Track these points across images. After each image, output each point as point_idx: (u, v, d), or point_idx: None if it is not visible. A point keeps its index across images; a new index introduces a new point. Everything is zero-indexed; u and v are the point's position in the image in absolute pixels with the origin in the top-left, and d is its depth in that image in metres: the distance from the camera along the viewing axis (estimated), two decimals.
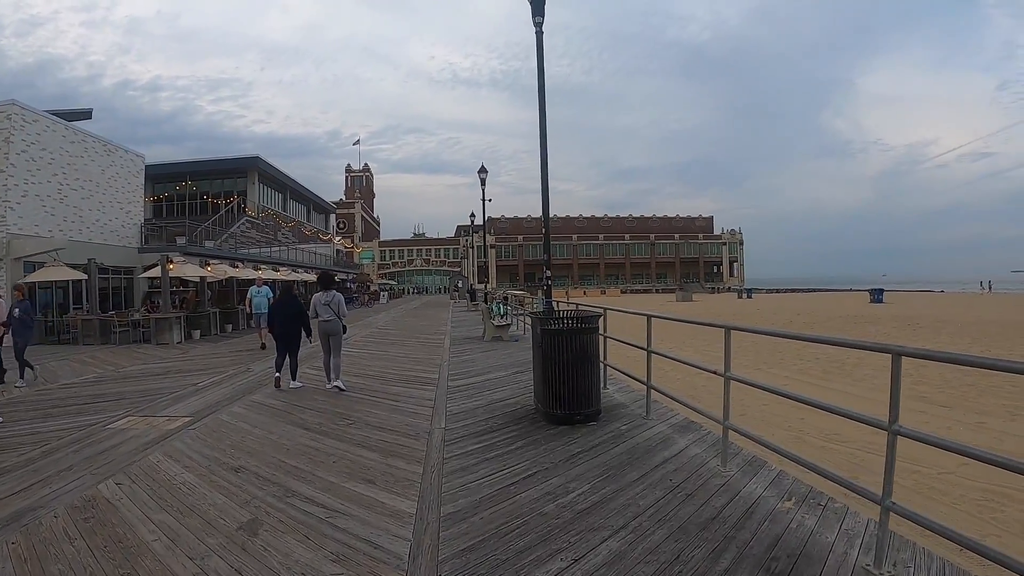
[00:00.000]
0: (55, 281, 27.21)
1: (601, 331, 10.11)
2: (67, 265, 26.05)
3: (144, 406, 11.32)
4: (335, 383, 12.51)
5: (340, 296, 13.06)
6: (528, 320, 22.57)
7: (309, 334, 13.46)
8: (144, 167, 38.11)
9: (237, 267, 33.20)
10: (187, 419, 10.13)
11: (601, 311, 10.39)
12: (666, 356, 8.71)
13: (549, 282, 13.14)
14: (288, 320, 13.23)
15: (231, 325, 30.34)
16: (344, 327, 13.07)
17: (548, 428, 8.65)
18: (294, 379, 13.21)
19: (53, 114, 31.79)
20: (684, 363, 8.42)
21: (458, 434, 8.56)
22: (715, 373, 6.76)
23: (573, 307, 12.60)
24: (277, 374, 13.10)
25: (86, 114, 38.18)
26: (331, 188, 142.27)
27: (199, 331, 26.40)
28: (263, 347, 20.35)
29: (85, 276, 26.57)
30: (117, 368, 17.04)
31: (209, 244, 37.40)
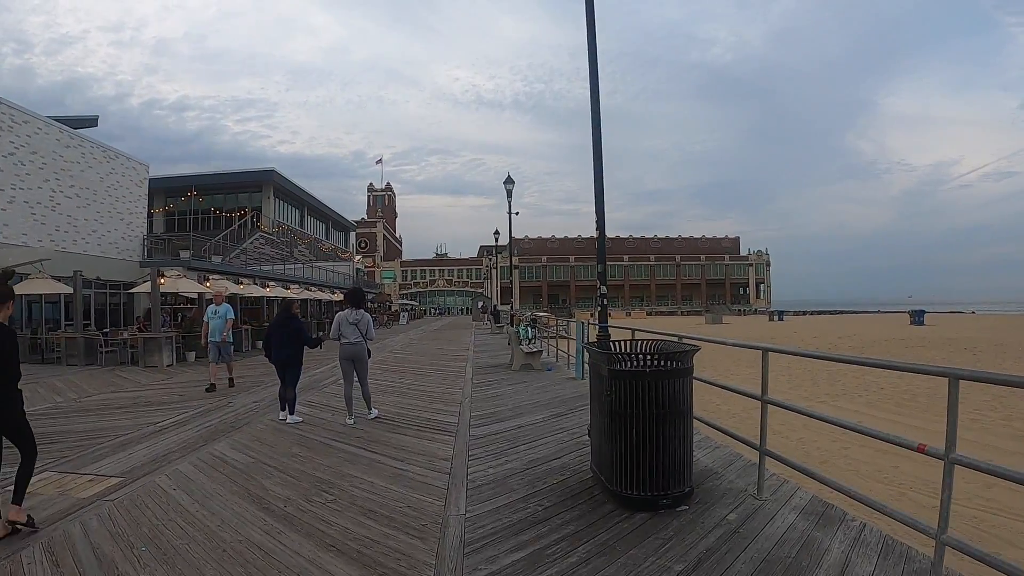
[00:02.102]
0: (44, 295, 25.38)
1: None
2: (53, 278, 23.75)
3: (76, 455, 8.78)
4: (371, 414, 11.30)
5: (369, 317, 11.49)
6: (566, 346, 19.83)
7: (316, 345, 11.87)
8: (148, 177, 35.86)
9: (241, 284, 30.55)
10: (115, 481, 7.45)
11: (695, 344, 6.89)
12: (794, 409, 6.05)
13: (605, 301, 10.14)
14: (285, 342, 11.42)
15: (233, 346, 27.59)
16: (368, 351, 11.49)
17: (620, 516, 5.84)
18: (291, 413, 11.25)
19: (56, 120, 29.78)
20: (821, 419, 5.74)
21: (486, 528, 5.71)
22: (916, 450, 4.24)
23: (633, 333, 9.86)
24: (281, 414, 11.40)
25: (92, 121, 36.49)
26: (355, 208, 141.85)
27: (194, 353, 23.75)
28: (211, 388, 15.25)
29: (70, 290, 24.15)
30: (81, 396, 14.64)
31: (216, 259, 35.14)
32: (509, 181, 31.86)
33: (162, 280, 23.44)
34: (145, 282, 25.51)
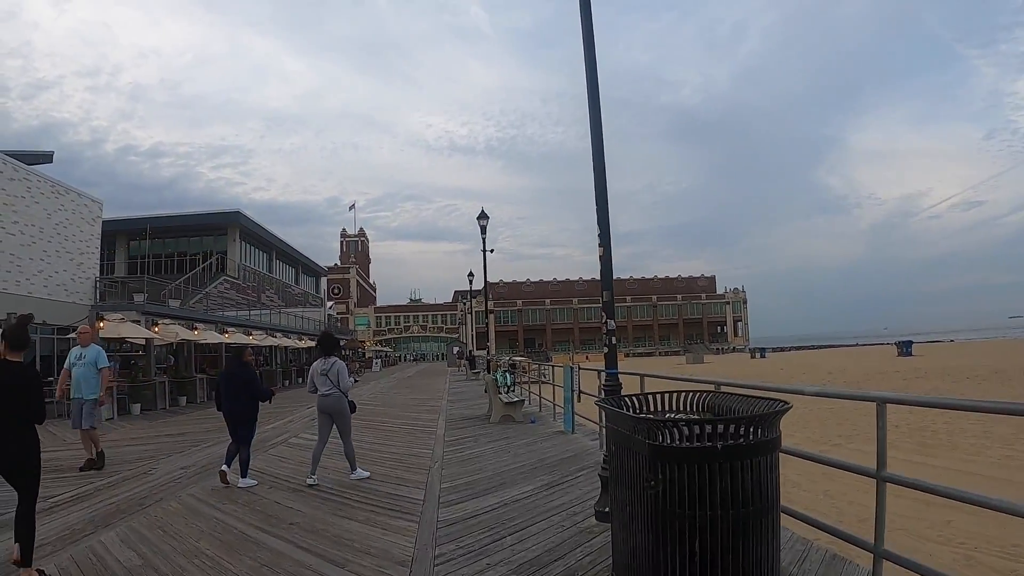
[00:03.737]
0: None
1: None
2: None
3: None
4: (355, 475, 9.88)
5: (341, 364, 10.16)
6: (550, 394, 17.68)
7: (267, 398, 10.54)
8: (101, 215, 33.47)
9: (195, 329, 28.29)
10: None
11: (777, 399, 4.52)
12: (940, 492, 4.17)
13: (613, 340, 7.90)
14: (236, 393, 9.98)
15: (185, 397, 25.35)
16: (351, 403, 10.21)
17: None
18: (243, 475, 9.78)
19: (9, 155, 27.60)
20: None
21: None
22: None
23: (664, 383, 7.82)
24: (224, 467, 9.84)
25: (47, 157, 34.49)
26: (329, 255, 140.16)
27: (139, 405, 21.52)
28: (88, 466, 11.16)
29: None
30: None
31: (174, 303, 32.93)
32: (483, 216, 29.96)
33: (101, 324, 21.20)
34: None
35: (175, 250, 49.94)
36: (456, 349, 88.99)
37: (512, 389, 18.06)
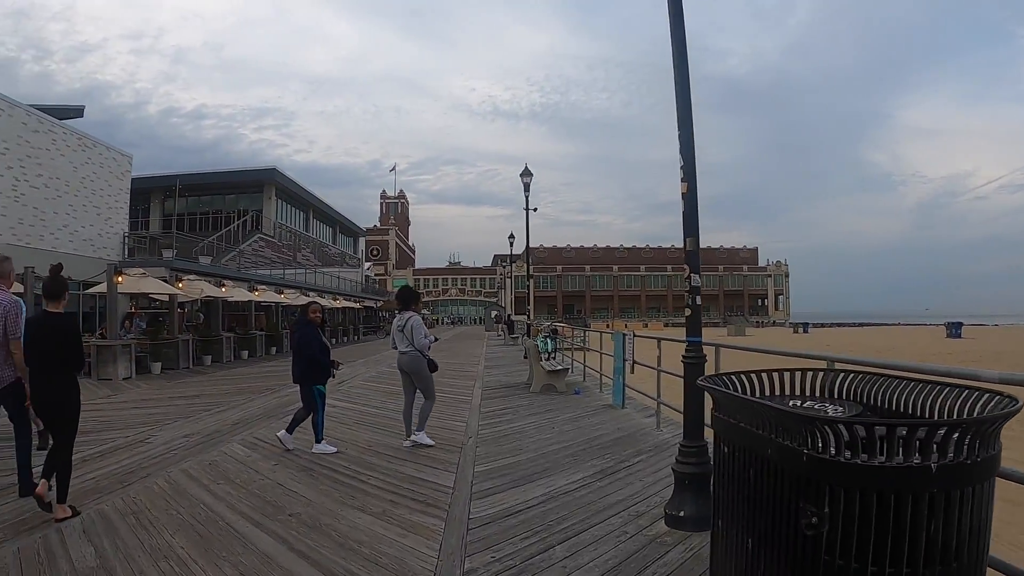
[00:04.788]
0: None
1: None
2: None
3: None
4: (413, 437, 9.14)
5: (417, 319, 9.47)
6: (596, 363, 16.19)
7: (320, 365, 9.19)
8: (130, 168, 32.54)
9: (223, 286, 27.13)
10: None
11: (997, 392, 2.92)
12: None
13: (697, 301, 6.20)
14: (295, 352, 9.35)
15: (211, 356, 24.25)
16: (432, 362, 9.42)
17: None
18: (317, 440, 8.92)
19: (39, 108, 26.80)
20: None
21: None
22: None
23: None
24: (282, 432, 9.08)
25: (77, 111, 33.57)
26: (370, 216, 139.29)
27: (160, 363, 20.42)
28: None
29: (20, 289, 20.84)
30: None
31: (205, 260, 31.92)
32: (527, 173, 28.40)
33: (119, 279, 20.04)
34: (101, 282, 22.06)
35: (210, 208, 49.10)
36: (494, 313, 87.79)
37: (553, 356, 16.80)
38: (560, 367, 15.60)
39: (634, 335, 12.26)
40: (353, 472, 7.66)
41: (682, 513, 5.44)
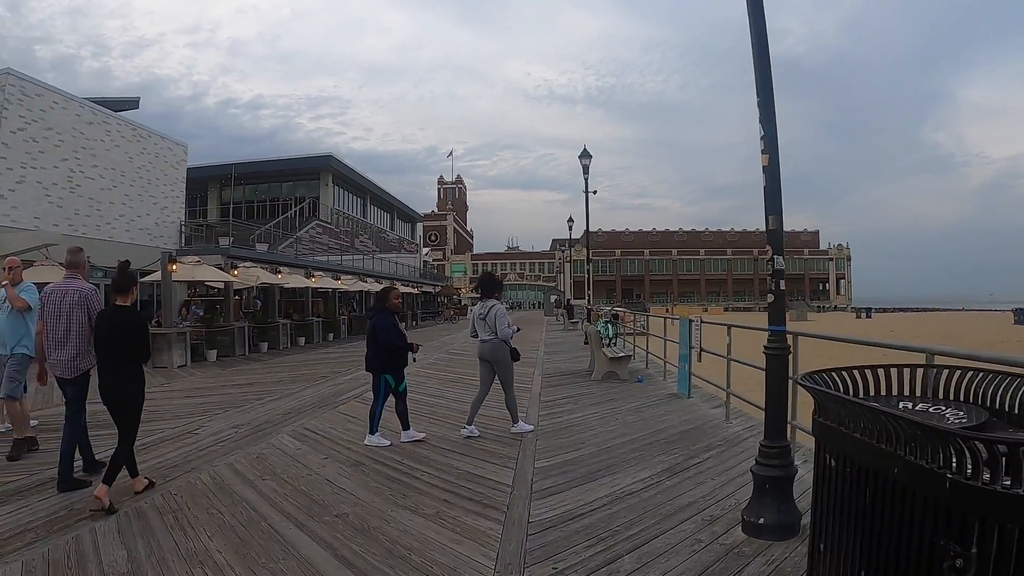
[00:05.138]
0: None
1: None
2: (60, 264, 20.49)
3: None
4: (513, 429, 8.98)
5: (500, 307, 9.19)
6: (659, 349, 15.57)
7: (398, 351, 8.59)
8: (185, 158, 32.61)
9: (279, 273, 26.97)
10: None
11: None
12: None
13: (781, 284, 5.33)
14: (369, 338, 8.70)
15: (267, 343, 24.11)
16: (514, 351, 9.16)
17: None
18: (404, 428, 8.60)
19: (98, 102, 26.90)
20: None
21: None
22: None
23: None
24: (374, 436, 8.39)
25: (133, 103, 33.90)
26: (427, 203, 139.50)
27: (216, 351, 20.28)
28: (17, 451, 7.51)
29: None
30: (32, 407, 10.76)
31: (262, 247, 31.87)
32: (585, 155, 27.74)
33: (173, 267, 19.89)
34: (156, 271, 21.97)
35: (267, 196, 49.17)
36: (554, 298, 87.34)
37: (614, 342, 16.17)
38: (622, 354, 15.04)
39: (701, 321, 11.63)
40: (406, 467, 7.21)
41: (762, 520, 4.88)
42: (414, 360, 9.14)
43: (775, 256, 5.30)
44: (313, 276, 30.60)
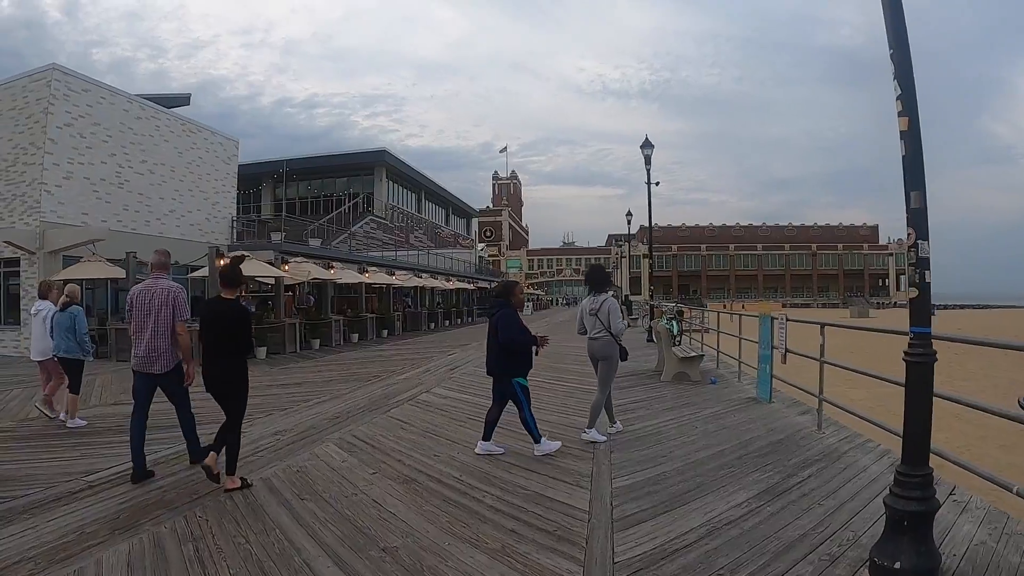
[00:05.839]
0: (110, 279, 21.77)
1: None
2: (108, 261, 20.32)
3: None
4: (587, 435, 8.16)
5: (613, 302, 8.59)
6: (728, 346, 14.46)
7: (525, 345, 7.59)
8: (237, 153, 32.18)
9: (331, 268, 26.33)
10: None
11: None
12: None
13: (926, 276, 3.91)
14: (491, 341, 7.70)
15: (319, 340, 23.45)
16: (623, 349, 8.49)
17: None
18: (536, 442, 7.53)
19: (149, 98, 26.84)
20: None
21: None
22: None
23: None
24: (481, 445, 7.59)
25: (184, 99, 33.62)
26: (482, 199, 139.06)
27: (265, 348, 19.80)
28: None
29: (123, 274, 20.43)
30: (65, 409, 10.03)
31: (315, 243, 31.40)
32: (647, 145, 26.56)
33: (221, 262, 19.26)
34: (203, 266, 21.45)
35: (321, 191, 48.80)
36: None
37: (678, 340, 15.15)
38: (694, 353, 14.08)
39: (786, 319, 10.52)
40: (466, 487, 6.26)
41: (898, 565, 3.85)
42: (537, 354, 8.02)
43: (919, 241, 4.18)
44: (367, 272, 30.01)
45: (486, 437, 7.59)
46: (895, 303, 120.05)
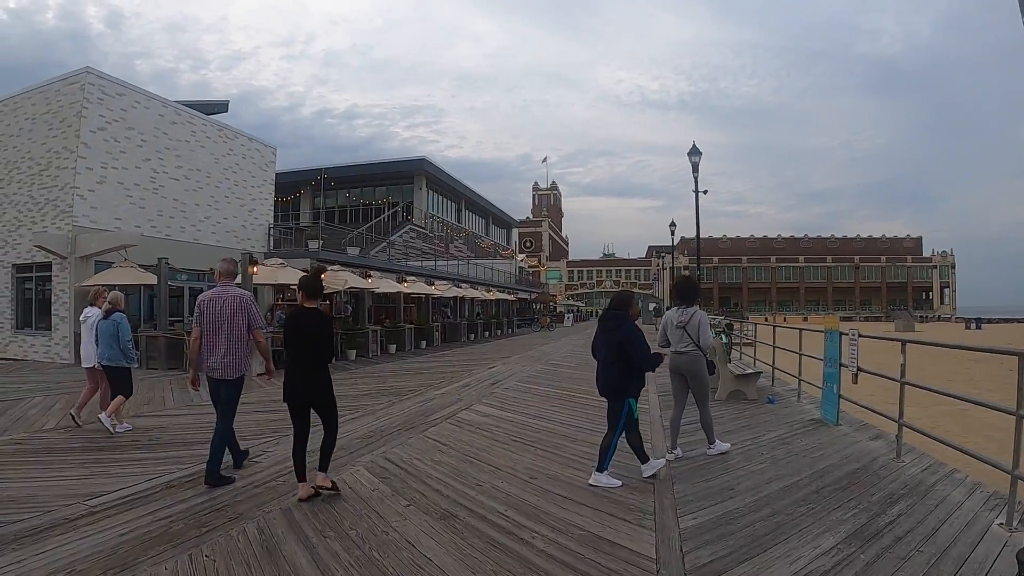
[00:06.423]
0: (143, 286, 21.09)
1: None
2: (140, 267, 19.92)
3: None
4: (714, 448, 8.05)
5: (703, 315, 8.23)
6: (792, 363, 13.54)
7: (652, 367, 6.96)
8: (274, 160, 31.79)
9: (369, 277, 25.69)
10: None
11: None
12: None
13: None
14: (607, 356, 6.98)
15: (355, 351, 22.81)
16: (711, 364, 8.34)
17: None
18: (643, 462, 7.12)
19: (187, 105, 26.53)
20: None
21: None
22: None
23: None
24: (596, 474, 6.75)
25: (222, 106, 33.41)
26: (522, 209, 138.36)
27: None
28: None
29: (155, 280, 19.96)
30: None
31: (353, 251, 30.84)
32: (695, 152, 25.69)
33: (254, 270, 18.69)
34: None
35: (360, 200, 48.35)
36: (652, 306, 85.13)
37: (729, 355, 14.26)
38: (750, 370, 13.19)
39: (858, 335, 9.56)
40: (512, 524, 5.44)
41: None
42: (653, 370, 7.24)
43: None
44: (405, 281, 29.37)
45: (602, 468, 6.79)
46: (939, 316, 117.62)
